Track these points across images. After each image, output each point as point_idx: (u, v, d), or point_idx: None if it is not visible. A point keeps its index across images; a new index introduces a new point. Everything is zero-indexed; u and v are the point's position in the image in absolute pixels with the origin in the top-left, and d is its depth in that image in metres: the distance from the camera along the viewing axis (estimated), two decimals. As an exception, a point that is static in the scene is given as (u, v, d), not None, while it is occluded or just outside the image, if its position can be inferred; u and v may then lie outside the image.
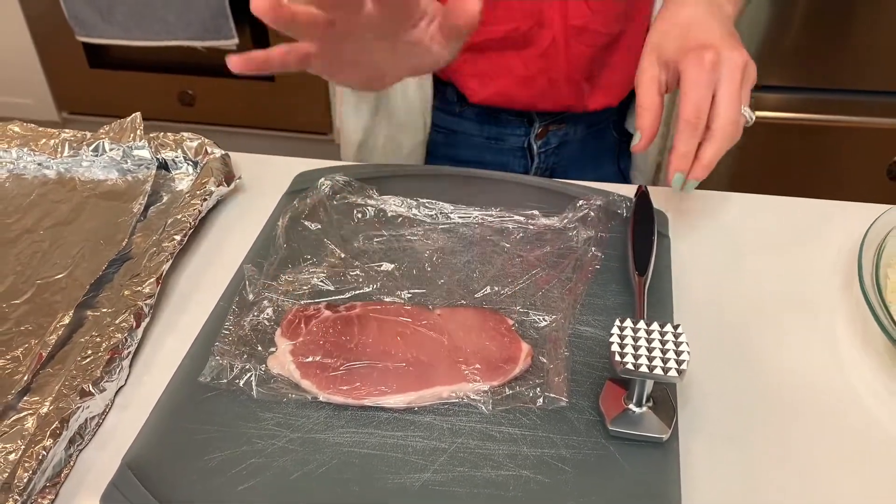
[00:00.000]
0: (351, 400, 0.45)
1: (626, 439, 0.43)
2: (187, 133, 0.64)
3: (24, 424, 0.44)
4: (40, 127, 0.66)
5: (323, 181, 0.60)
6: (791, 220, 0.63)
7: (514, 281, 0.53)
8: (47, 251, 0.56)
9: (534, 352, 0.48)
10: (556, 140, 0.79)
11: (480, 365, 0.47)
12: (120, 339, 0.48)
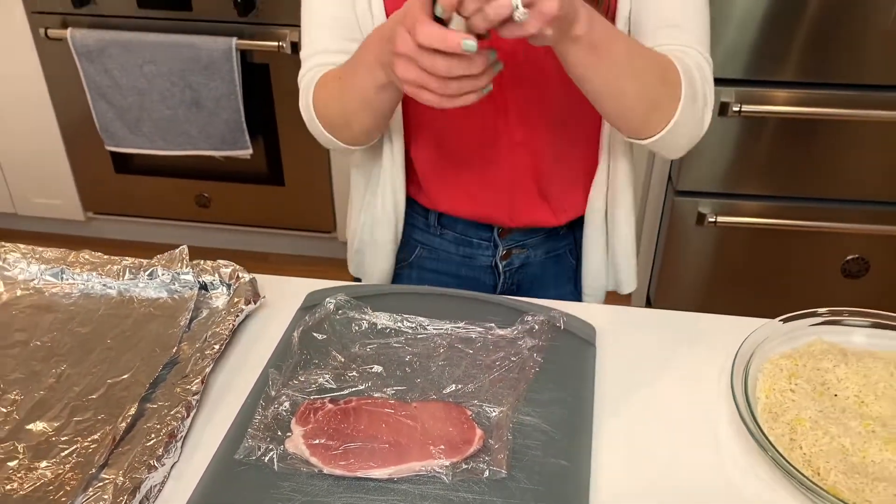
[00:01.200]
0: (347, 472, 0.61)
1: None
2: (222, 261, 0.82)
3: (105, 493, 0.60)
4: (105, 255, 0.83)
5: (329, 300, 0.78)
6: (691, 331, 0.79)
7: (473, 380, 0.70)
8: (114, 357, 0.73)
9: (485, 436, 0.64)
10: (519, 261, 0.97)
11: (444, 446, 0.63)
12: (175, 425, 0.64)
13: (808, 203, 1.88)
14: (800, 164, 1.83)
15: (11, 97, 2.16)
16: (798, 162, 1.83)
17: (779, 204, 1.89)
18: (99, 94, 2.04)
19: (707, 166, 1.85)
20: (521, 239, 0.96)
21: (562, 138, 0.88)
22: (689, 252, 1.98)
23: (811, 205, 1.88)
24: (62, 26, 1.98)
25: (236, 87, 1.97)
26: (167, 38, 1.94)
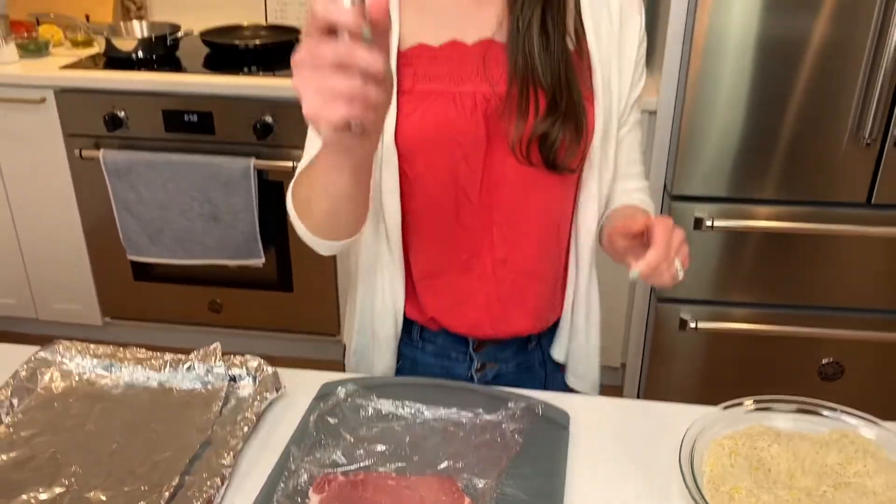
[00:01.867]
0: (356, 532, 0.73)
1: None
2: (249, 356, 0.95)
3: (152, 548, 0.71)
4: (150, 351, 0.97)
5: (340, 388, 0.91)
6: (652, 417, 0.92)
7: (463, 457, 0.82)
8: (158, 439, 0.86)
9: (473, 503, 0.76)
10: (492, 374, 1.07)
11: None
12: (212, 493, 0.76)
13: (785, 310, 2.02)
14: (777, 275, 1.98)
15: (43, 209, 2.34)
16: (775, 272, 1.98)
17: (758, 311, 2.03)
18: (124, 208, 2.22)
19: (688, 275, 2.00)
20: (494, 353, 1.07)
21: (539, 254, 1.00)
22: (674, 355, 2.10)
23: (788, 311, 2.02)
24: (95, 147, 2.18)
25: (253, 203, 2.16)
26: (190, 158, 2.14)
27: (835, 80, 1.74)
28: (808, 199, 1.88)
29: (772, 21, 1.71)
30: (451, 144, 0.92)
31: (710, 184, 1.89)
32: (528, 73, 0.89)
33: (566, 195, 1.00)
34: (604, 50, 0.93)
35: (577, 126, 0.90)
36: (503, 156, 0.92)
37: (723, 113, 1.81)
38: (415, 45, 0.93)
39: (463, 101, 0.91)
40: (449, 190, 0.95)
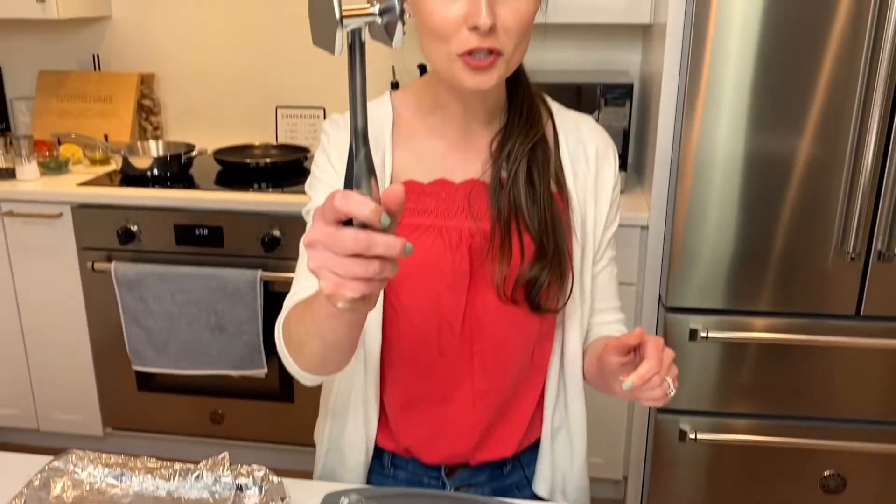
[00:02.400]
0: None
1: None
2: (256, 465, 0.98)
3: None
4: (160, 461, 0.99)
5: (343, 499, 0.93)
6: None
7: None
8: (165, 547, 0.87)
9: None
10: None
11: None
12: None
13: (784, 421, 2.03)
14: (775, 386, 2.00)
15: (52, 321, 2.39)
16: (773, 383, 2.00)
17: (757, 422, 2.04)
18: (132, 319, 2.27)
19: (686, 386, 2.03)
20: (468, 478, 1.07)
21: (519, 385, 1.03)
22: (675, 467, 2.10)
23: (788, 423, 2.03)
24: (107, 260, 2.26)
25: (258, 314, 2.21)
26: (199, 271, 2.20)
27: (818, 195, 1.83)
28: (801, 311, 1.93)
29: (757, 140, 1.81)
30: (435, 276, 0.97)
31: (704, 296, 1.95)
32: (512, 218, 0.96)
33: (548, 329, 1.04)
34: (580, 191, 1.01)
35: (561, 270, 0.97)
36: (486, 290, 0.98)
37: (714, 227, 1.89)
38: (405, 180, 1.00)
39: (449, 235, 0.97)
40: (432, 320, 0.99)
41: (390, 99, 1.04)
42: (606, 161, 1.04)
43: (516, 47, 0.88)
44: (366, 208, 0.60)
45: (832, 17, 1.71)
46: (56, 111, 2.66)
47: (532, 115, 1.00)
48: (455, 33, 0.85)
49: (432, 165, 1.00)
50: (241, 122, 2.75)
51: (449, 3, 0.84)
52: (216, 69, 2.71)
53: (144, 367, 2.32)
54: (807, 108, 1.78)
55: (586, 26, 2.46)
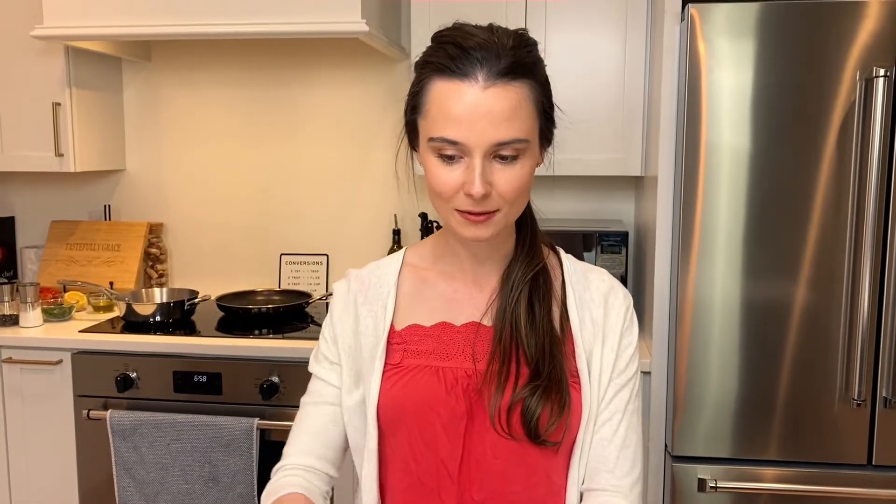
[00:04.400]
0: None
1: None
2: None
3: None
4: None
5: None
6: None
7: None
8: None
9: None
10: None
11: None
12: None
13: None
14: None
15: (41, 470, 2.33)
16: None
17: None
18: (124, 469, 2.20)
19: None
20: None
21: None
22: None
23: None
24: (103, 408, 2.22)
25: (252, 463, 2.15)
26: (195, 419, 2.17)
27: (818, 340, 1.83)
28: (810, 461, 1.88)
29: (753, 286, 1.83)
30: (430, 415, 0.96)
31: (711, 444, 1.90)
32: (511, 344, 0.96)
33: (553, 473, 0.99)
34: (587, 339, 1.00)
35: (560, 399, 0.95)
36: (484, 431, 0.96)
37: (716, 372, 1.87)
38: (409, 325, 1.02)
39: (444, 375, 0.97)
40: (430, 464, 0.97)
41: (405, 252, 1.09)
42: (615, 307, 1.03)
43: (512, 206, 0.92)
44: None
45: (818, 164, 1.78)
46: (64, 259, 2.71)
47: (535, 247, 1.02)
48: (453, 196, 0.91)
49: (436, 309, 1.02)
50: (245, 270, 2.79)
51: (449, 171, 0.90)
52: (223, 218, 2.79)
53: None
54: (800, 253, 1.81)
55: (585, 178, 2.55)
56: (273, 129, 2.74)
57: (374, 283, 1.06)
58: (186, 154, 2.79)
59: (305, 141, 2.73)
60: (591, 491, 0.99)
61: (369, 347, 1.02)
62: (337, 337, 1.05)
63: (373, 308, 1.04)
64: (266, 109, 2.74)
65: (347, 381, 1.03)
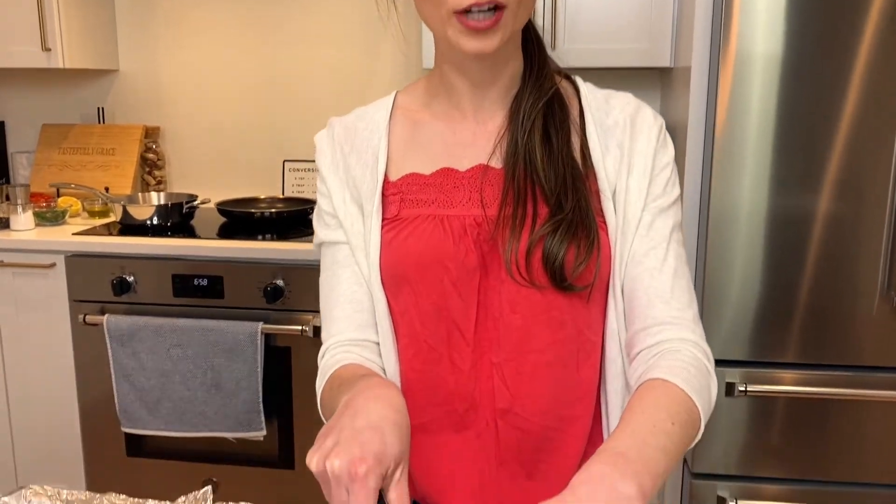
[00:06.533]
0: None
1: None
2: (244, 503, 0.82)
3: None
4: (130, 497, 0.84)
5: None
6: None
7: None
8: None
9: None
10: None
11: None
12: None
13: (825, 486, 1.84)
14: (811, 446, 1.83)
15: (38, 379, 2.24)
16: (809, 443, 1.83)
17: (795, 487, 1.85)
18: (123, 376, 2.12)
19: (721, 448, 1.85)
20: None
21: (553, 405, 0.85)
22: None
23: (828, 488, 1.84)
24: (100, 313, 2.12)
25: (257, 370, 2.06)
26: (197, 323, 2.07)
27: (848, 248, 1.71)
28: (833, 363, 1.78)
29: (781, 192, 1.70)
30: (438, 271, 0.83)
31: (733, 348, 1.80)
32: (526, 182, 0.82)
33: (585, 328, 0.86)
34: (611, 168, 0.85)
35: (587, 235, 0.81)
36: (499, 285, 0.83)
37: (744, 274, 1.76)
38: (406, 174, 0.88)
39: (451, 224, 0.84)
40: (440, 327, 0.85)
41: (394, 95, 0.95)
42: (642, 131, 0.87)
43: (521, 2, 0.77)
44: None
45: (852, 73, 1.63)
46: (57, 163, 2.58)
47: (544, 71, 0.88)
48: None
49: (436, 155, 0.88)
50: (247, 177, 2.66)
51: None
52: (223, 123, 2.65)
53: (134, 429, 2.15)
54: (831, 162, 1.67)
55: (602, 72, 2.39)
56: (276, 26, 2.57)
57: (361, 130, 0.91)
58: (183, 54, 2.62)
59: (310, 39, 2.57)
60: (645, 329, 0.83)
61: (363, 202, 0.89)
62: (332, 193, 0.91)
63: (362, 158, 0.90)
64: (269, 5, 2.56)
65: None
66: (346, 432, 0.65)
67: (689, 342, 0.80)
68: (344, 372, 0.83)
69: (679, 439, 0.71)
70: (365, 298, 0.89)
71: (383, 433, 0.65)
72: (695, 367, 0.77)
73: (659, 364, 0.78)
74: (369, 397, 0.69)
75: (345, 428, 0.65)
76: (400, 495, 0.65)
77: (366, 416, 0.66)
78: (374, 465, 0.62)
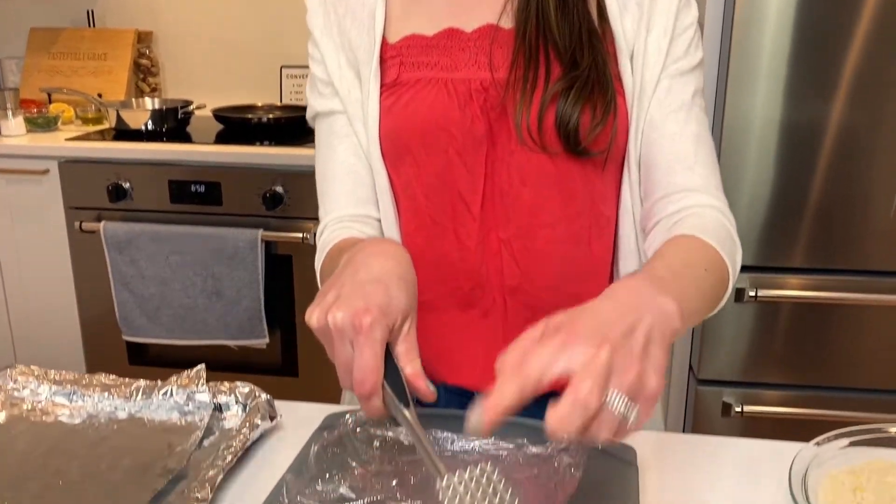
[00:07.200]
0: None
1: None
2: (240, 382, 0.79)
3: None
4: (120, 378, 0.80)
5: (349, 417, 0.73)
6: (735, 456, 0.74)
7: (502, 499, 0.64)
8: (117, 476, 0.68)
9: (522, 548, 0.57)
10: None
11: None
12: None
13: (830, 392, 1.83)
14: (817, 352, 1.81)
15: (37, 287, 2.21)
16: (816, 349, 1.80)
17: (801, 393, 1.83)
18: (122, 284, 2.08)
19: (727, 355, 1.83)
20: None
21: (564, 282, 0.81)
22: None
23: (833, 394, 1.83)
24: (96, 220, 2.08)
25: (259, 277, 2.02)
26: (195, 230, 2.02)
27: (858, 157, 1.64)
28: (844, 268, 1.74)
29: (795, 99, 1.62)
30: (442, 140, 0.78)
31: (744, 252, 1.75)
32: (538, 42, 0.75)
33: (599, 200, 0.81)
34: (629, 28, 0.78)
35: (604, 97, 0.74)
36: (508, 155, 0.78)
37: (752, 177, 1.70)
38: (406, 35, 0.81)
39: (456, 88, 0.78)
40: (444, 200, 0.80)
41: None
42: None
43: None
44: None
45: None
46: (47, 69, 2.49)
47: None
48: None
49: (439, 14, 0.81)
50: (243, 84, 2.57)
51: None
52: (218, 28, 2.54)
53: (135, 337, 2.14)
54: (847, 68, 1.59)
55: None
56: (269, -79, 2.44)
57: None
58: (174, -48, 2.50)
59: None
60: (666, 197, 0.78)
61: (360, 67, 0.82)
62: (325, 58, 0.84)
63: (358, 18, 0.82)
64: None
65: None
66: (348, 287, 0.60)
67: (714, 209, 0.76)
68: (343, 244, 0.78)
69: (710, 287, 0.68)
70: (364, 172, 0.83)
71: (388, 286, 0.60)
72: (724, 232, 0.74)
73: (685, 223, 0.74)
74: (371, 253, 0.64)
75: (346, 283, 0.61)
76: (409, 349, 0.61)
77: (368, 270, 0.62)
78: (380, 316, 0.58)
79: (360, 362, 0.57)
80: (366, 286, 0.60)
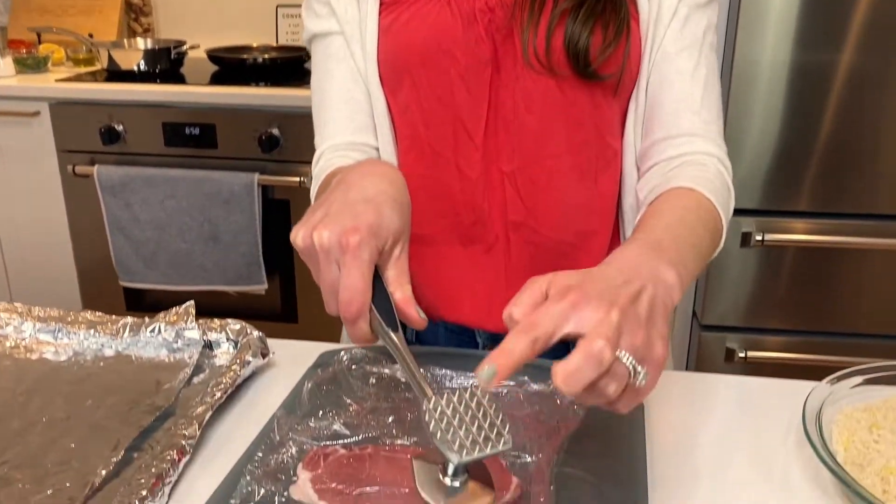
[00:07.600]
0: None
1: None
2: (231, 319, 0.76)
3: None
4: (107, 315, 0.78)
5: (343, 354, 0.71)
6: (744, 393, 0.71)
7: (506, 432, 0.61)
8: (102, 414, 0.65)
9: (522, 485, 0.55)
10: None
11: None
12: (164, 468, 0.56)
13: (834, 338, 1.81)
14: (821, 297, 1.78)
15: (31, 232, 2.18)
16: (820, 294, 1.78)
17: (805, 339, 1.81)
18: (118, 229, 2.05)
19: (730, 300, 1.80)
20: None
21: (569, 217, 0.78)
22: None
23: (838, 339, 1.81)
24: (90, 163, 2.03)
25: (256, 222, 1.98)
26: (190, 174, 1.98)
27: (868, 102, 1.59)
28: (849, 212, 1.71)
29: (804, 47, 1.56)
30: (444, 61, 0.73)
31: (746, 196, 1.71)
32: None
33: (605, 131, 0.77)
34: None
35: (616, 16, 0.70)
36: (513, 81, 0.73)
37: (760, 125, 1.65)
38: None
39: (459, 6, 0.73)
40: (445, 128, 0.76)
41: None
42: None
43: None
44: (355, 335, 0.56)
45: None
46: (35, 8, 2.41)
47: None
48: None
49: None
50: (238, 24, 2.50)
51: None
52: (211, -36, 2.46)
53: (132, 283, 2.11)
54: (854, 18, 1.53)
55: None
56: None
57: None
58: None
59: None
60: (669, 139, 0.74)
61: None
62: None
63: None
64: None
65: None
66: (337, 205, 0.57)
67: (714, 157, 0.74)
68: (339, 171, 0.75)
69: (707, 245, 0.67)
70: (362, 97, 0.79)
71: (380, 206, 0.57)
72: (720, 182, 0.72)
73: (683, 173, 0.72)
74: (365, 172, 0.61)
75: (336, 201, 0.57)
76: (399, 274, 0.58)
77: (360, 190, 0.58)
78: (368, 236, 0.54)
79: (346, 282, 0.54)
80: (356, 205, 0.56)
